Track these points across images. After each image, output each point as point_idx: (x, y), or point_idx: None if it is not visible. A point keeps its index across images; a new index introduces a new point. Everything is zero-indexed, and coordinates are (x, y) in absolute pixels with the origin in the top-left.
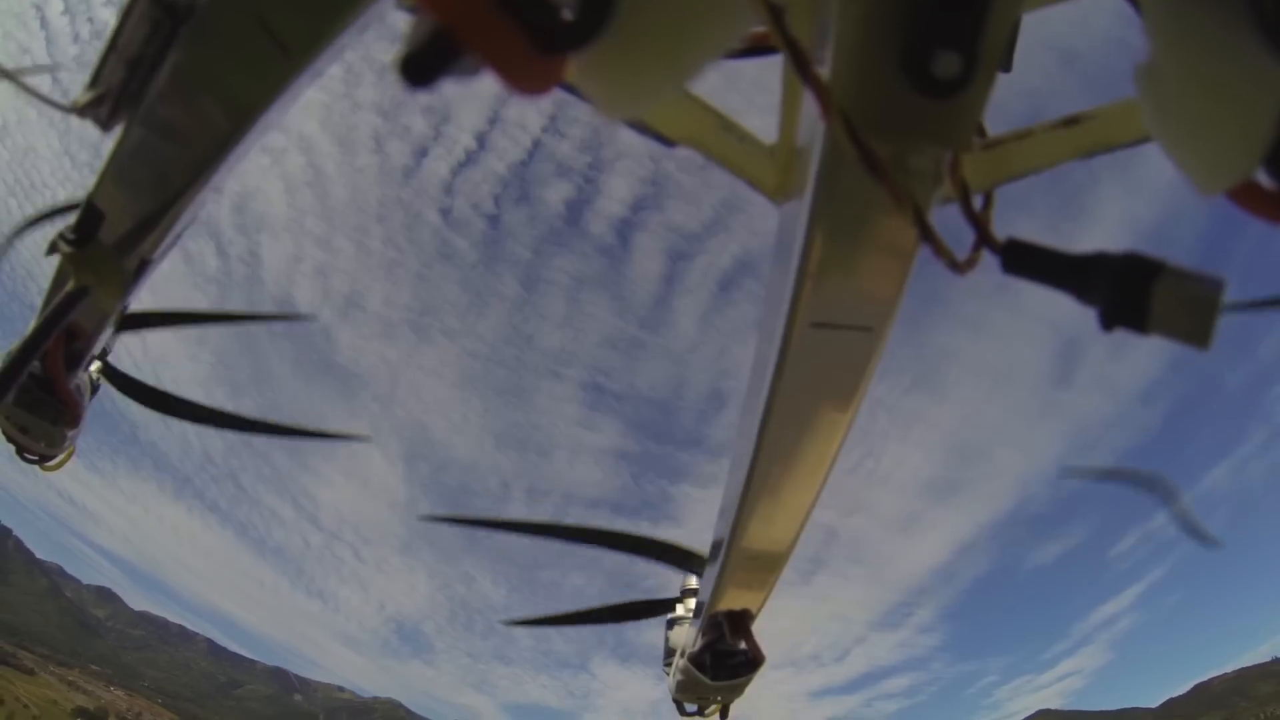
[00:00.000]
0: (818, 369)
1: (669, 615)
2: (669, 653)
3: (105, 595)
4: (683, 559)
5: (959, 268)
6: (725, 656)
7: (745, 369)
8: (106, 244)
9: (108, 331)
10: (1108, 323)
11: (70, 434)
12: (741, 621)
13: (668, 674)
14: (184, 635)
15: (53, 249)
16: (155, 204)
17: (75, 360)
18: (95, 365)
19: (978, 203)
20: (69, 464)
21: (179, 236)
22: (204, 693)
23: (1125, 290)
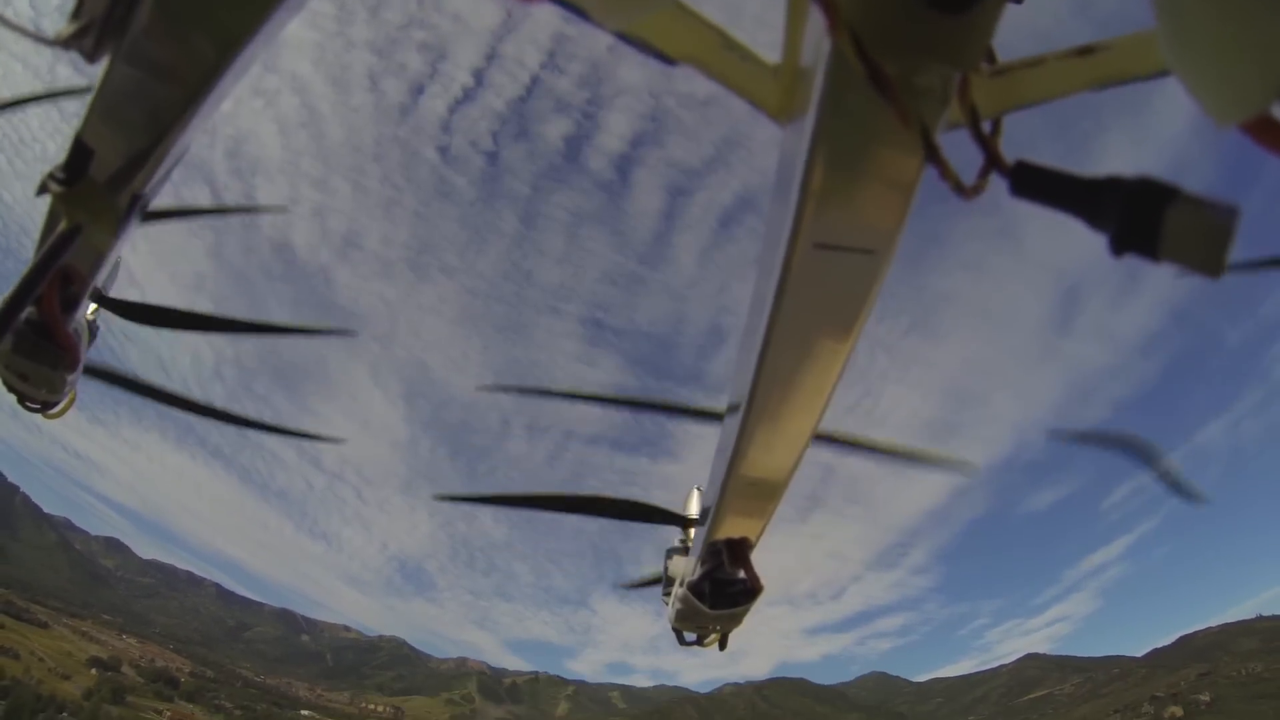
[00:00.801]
0: (820, 291)
1: (669, 547)
2: (668, 582)
3: (114, 545)
4: (679, 522)
5: (965, 192)
6: (724, 585)
7: (744, 305)
8: (97, 181)
9: (103, 272)
10: (1118, 248)
11: (70, 378)
12: (741, 550)
13: (666, 604)
14: (192, 581)
15: (42, 189)
16: (145, 137)
17: (71, 303)
18: (92, 308)
19: (986, 128)
20: (71, 414)
21: (171, 169)
22: (214, 637)
23: (1137, 215)
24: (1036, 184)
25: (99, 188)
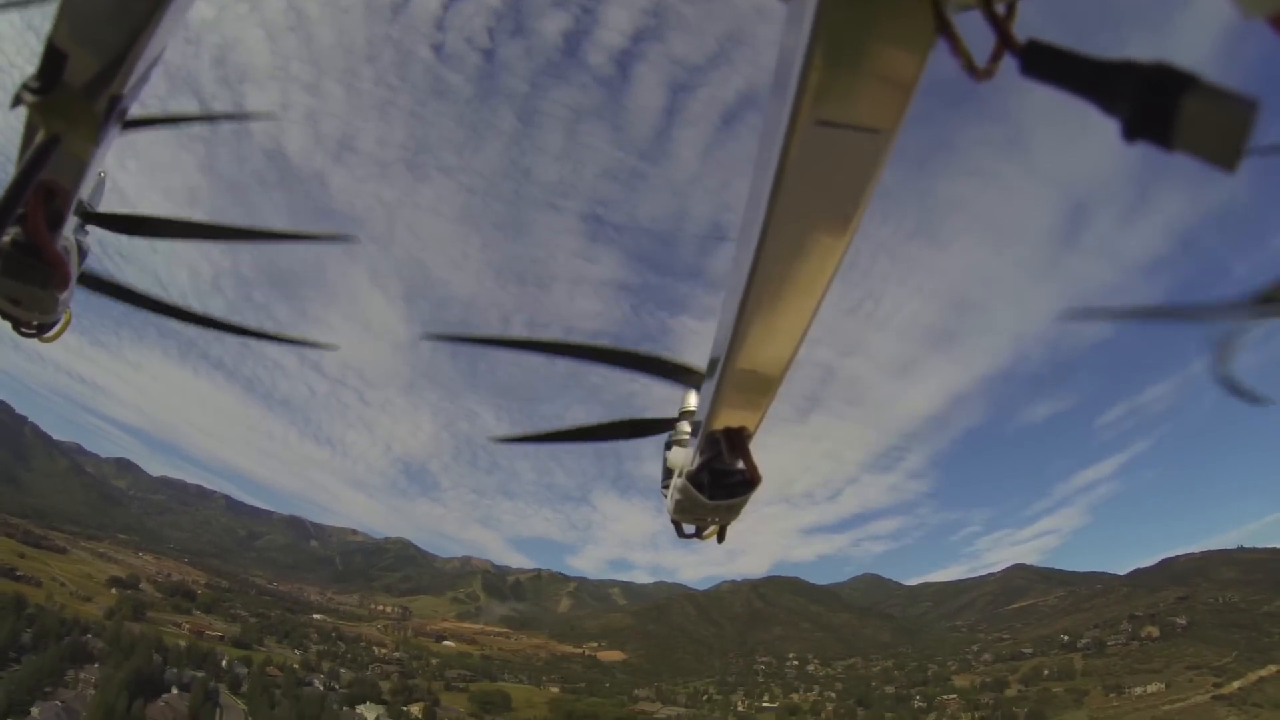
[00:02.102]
0: (821, 170)
1: (667, 436)
2: (667, 474)
3: (124, 466)
4: (680, 373)
5: (977, 73)
6: (723, 475)
7: (745, 198)
8: (73, 87)
9: (86, 183)
10: (1130, 134)
11: (63, 297)
12: (739, 439)
13: (665, 496)
14: (202, 494)
15: (17, 101)
16: (119, 38)
17: (57, 219)
18: (77, 224)
19: (1000, 9)
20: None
21: (149, 70)
22: (226, 547)
23: (1152, 101)
24: (1049, 64)
25: (75, 94)
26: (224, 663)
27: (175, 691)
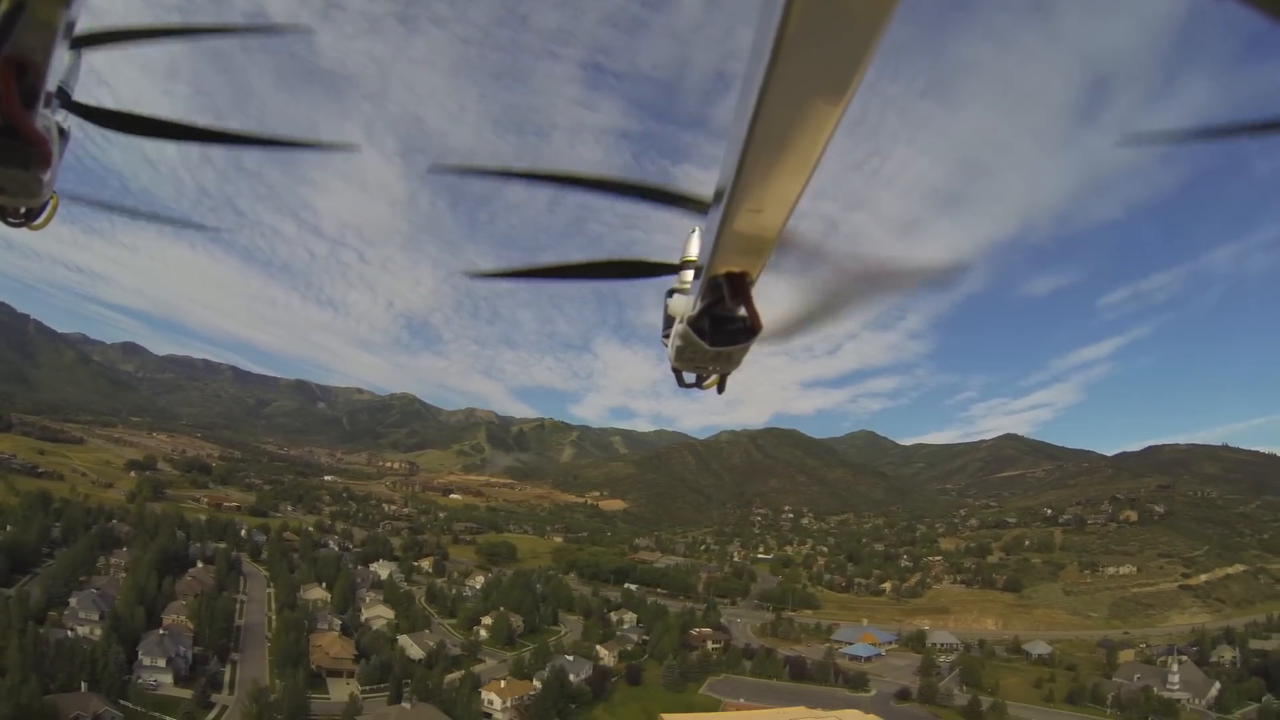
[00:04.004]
0: (830, 10)
1: (669, 287)
2: (668, 322)
3: (130, 349)
4: (686, 203)
5: None
6: (724, 322)
7: (751, 41)
8: None
9: (60, 54)
10: None
11: (46, 178)
12: (741, 284)
13: (666, 344)
14: (209, 368)
15: None
16: None
17: (31, 95)
18: (61, 114)
19: None
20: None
21: None
22: (236, 418)
23: None
24: None
25: None
26: (243, 532)
27: (200, 565)
